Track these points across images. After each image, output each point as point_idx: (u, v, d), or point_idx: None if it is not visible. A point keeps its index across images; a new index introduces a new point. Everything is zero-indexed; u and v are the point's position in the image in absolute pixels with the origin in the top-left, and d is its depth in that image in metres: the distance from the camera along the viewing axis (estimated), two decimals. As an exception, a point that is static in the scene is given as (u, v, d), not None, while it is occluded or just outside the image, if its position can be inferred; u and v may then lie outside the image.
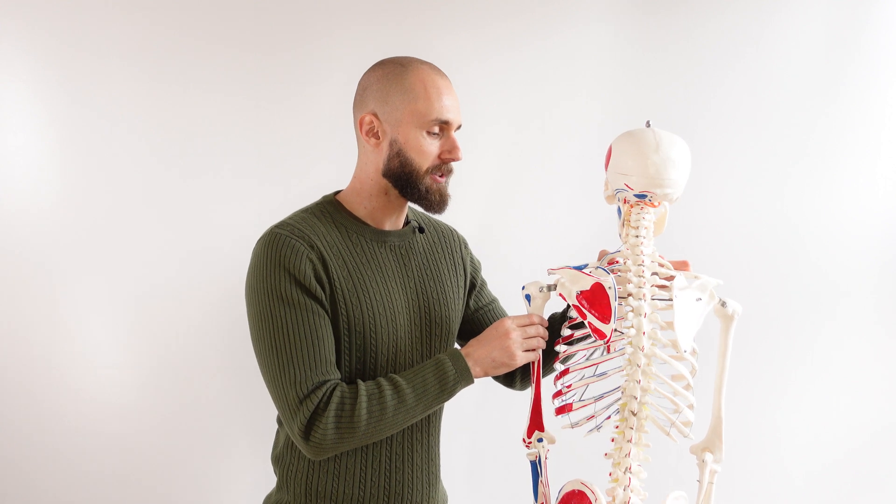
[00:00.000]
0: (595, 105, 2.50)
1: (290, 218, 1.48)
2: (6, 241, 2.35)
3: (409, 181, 1.46)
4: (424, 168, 1.46)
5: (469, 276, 1.70)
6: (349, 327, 1.43)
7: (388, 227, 1.55)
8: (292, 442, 1.51)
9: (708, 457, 1.43)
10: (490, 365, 1.44)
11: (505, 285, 1.82)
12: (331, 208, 1.52)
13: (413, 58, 1.50)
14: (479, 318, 1.71)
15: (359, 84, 1.52)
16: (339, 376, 1.42)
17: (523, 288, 1.51)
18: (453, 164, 1.51)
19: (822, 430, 2.63)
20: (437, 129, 1.46)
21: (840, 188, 2.55)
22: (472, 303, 1.71)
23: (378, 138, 1.47)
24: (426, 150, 1.46)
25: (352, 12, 2.44)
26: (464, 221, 2.51)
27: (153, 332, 2.42)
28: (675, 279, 1.37)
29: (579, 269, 1.41)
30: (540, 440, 1.47)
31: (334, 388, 1.38)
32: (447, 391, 1.42)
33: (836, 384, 2.62)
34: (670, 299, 1.35)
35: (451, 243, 1.69)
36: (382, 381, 1.41)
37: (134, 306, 2.42)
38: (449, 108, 1.46)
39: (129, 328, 2.42)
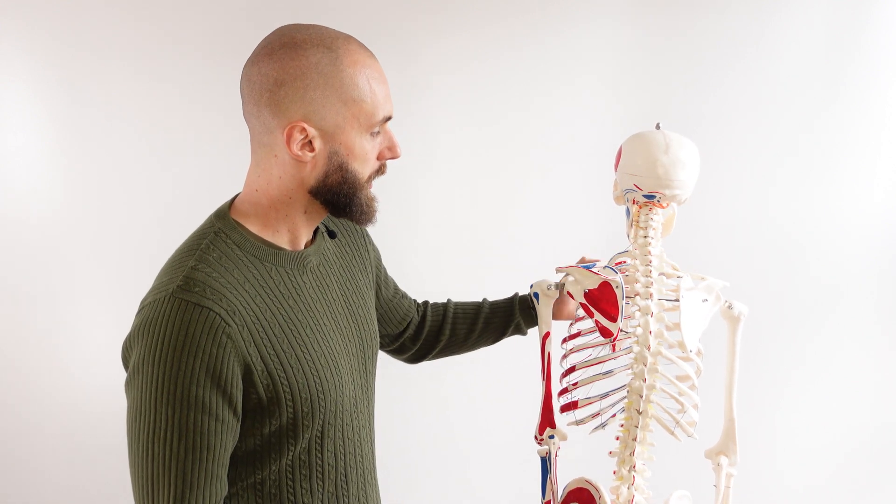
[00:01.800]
0: (595, 105, 2.51)
1: (193, 269, 1.11)
2: (6, 240, 2.34)
3: (349, 196, 1.19)
4: (366, 177, 1.20)
5: (374, 268, 1.47)
6: (293, 396, 1.15)
7: (301, 244, 1.25)
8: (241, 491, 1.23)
9: (723, 460, 1.44)
10: None
11: (512, 284, 1.83)
12: (237, 237, 1.18)
13: (329, 31, 1.19)
14: (393, 306, 1.56)
15: (261, 74, 1.15)
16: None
17: (531, 286, 1.52)
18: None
19: (822, 432, 2.64)
20: (378, 128, 1.19)
21: (839, 188, 2.56)
22: (383, 292, 1.52)
23: (312, 150, 1.15)
24: (370, 157, 1.19)
25: (352, 13, 2.43)
26: (466, 222, 2.53)
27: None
28: (682, 280, 1.38)
29: (588, 267, 1.42)
30: (552, 437, 1.48)
31: None
32: None
33: (835, 385, 2.63)
34: (677, 300, 1.36)
35: (355, 236, 1.44)
36: None
37: (134, 305, 2.41)
38: (389, 96, 1.20)
39: (129, 327, 2.42)
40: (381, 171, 1.24)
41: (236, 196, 1.26)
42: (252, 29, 2.39)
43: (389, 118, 1.21)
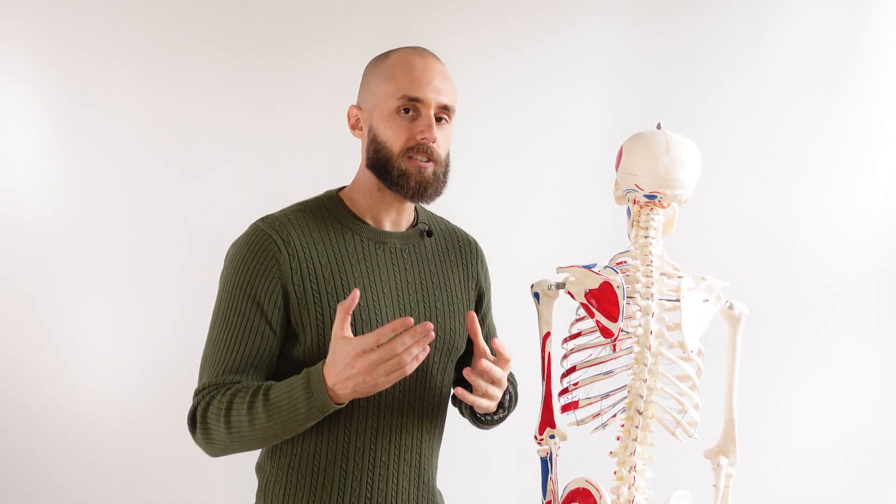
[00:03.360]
0: (595, 105, 2.51)
1: (280, 211, 1.42)
2: (6, 240, 2.34)
3: (384, 167, 1.37)
4: (397, 150, 1.37)
5: (479, 292, 1.61)
6: (323, 331, 1.35)
7: (387, 226, 1.46)
8: (271, 451, 1.44)
9: (723, 460, 1.44)
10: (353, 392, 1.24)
11: (512, 285, 1.82)
12: (330, 204, 1.44)
13: (407, 46, 1.44)
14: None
15: None
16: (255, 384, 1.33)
17: (532, 286, 1.51)
18: (447, 153, 1.43)
19: (822, 432, 2.63)
20: (408, 108, 1.37)
21: (839, 188, 2.56)
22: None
23: (362, 129, 1.42)
24: (397, 131, 1.36)
25: (352, 14, 2.44)
26: (467, 221, 2.52)
27: (152, 331, 2.41)
28: (683, 280, 1.37)
29: (588, 267, 1.41)
30: (552, 437, 1.47)
31: (222, 391, 1.32)
32: (313, 415, 1.27)
33: (834, 385, 2.62)
34: (678, 300, 1.35)
35: (466, 253, 1.60)
36: (241, 394, 1.29)
37: (134, 305, 2.41)
38: (421, 84, 1.37)
39: (129, 327, 2.42)
40: (417, 149, 1.37)
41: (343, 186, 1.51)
42: (250, 29, 2.41)
43: (417, 99, 1.36)
